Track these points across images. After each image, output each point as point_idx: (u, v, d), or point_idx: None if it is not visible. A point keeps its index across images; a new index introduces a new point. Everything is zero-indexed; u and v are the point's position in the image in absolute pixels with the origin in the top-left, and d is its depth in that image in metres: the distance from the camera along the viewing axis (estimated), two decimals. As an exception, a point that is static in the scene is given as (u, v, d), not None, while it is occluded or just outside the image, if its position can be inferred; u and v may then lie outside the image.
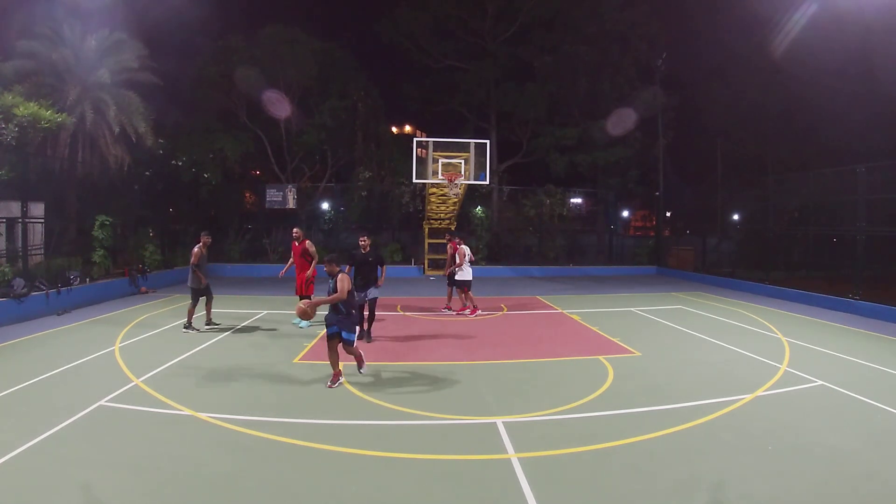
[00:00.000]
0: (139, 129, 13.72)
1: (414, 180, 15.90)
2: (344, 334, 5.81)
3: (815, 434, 4.59)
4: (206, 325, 8.73)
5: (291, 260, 9.16)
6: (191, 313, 8.53)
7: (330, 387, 5.72)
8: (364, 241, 7.75)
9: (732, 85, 20.49)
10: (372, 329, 8.06)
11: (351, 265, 7.54)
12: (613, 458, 4.11)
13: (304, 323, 8.90)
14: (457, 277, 10.41)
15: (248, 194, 21.35)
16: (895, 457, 4.15)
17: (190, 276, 8.58)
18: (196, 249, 8.54)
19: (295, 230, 9.28)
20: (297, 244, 9.04)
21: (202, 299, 8.73)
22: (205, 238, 8.79)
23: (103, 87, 13.07)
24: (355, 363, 6.19)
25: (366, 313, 7.80)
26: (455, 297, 10.96)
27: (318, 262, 8.66)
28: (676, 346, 7.97)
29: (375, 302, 7.79)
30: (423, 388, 5.87)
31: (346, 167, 21.26)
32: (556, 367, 6.83)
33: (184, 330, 8.43)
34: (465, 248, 10.42)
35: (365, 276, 7.62)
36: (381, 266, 7.81)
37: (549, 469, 3.91)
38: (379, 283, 7.80)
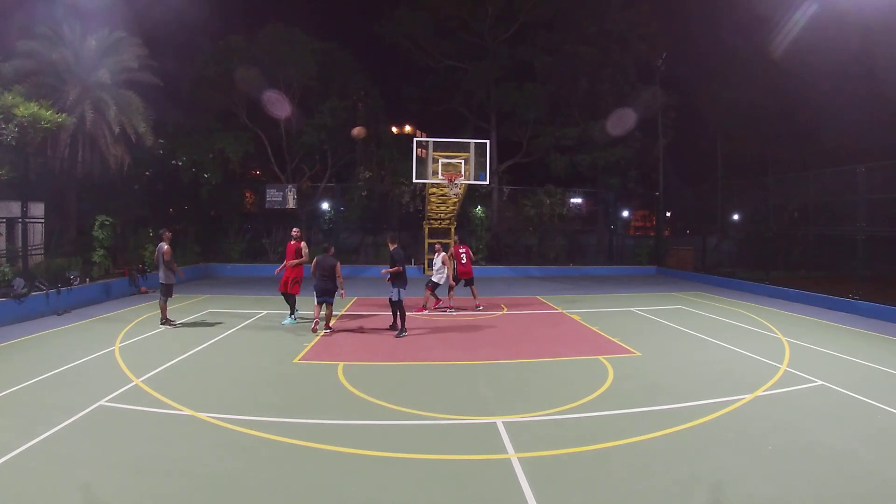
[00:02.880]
0: (139, 129, 13.72)
1: (414, 180, 15.87)
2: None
3: (815, 434, 4.59)
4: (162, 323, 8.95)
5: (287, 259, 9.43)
6: (163, 309, 8.90)
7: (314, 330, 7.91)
8: (388, 241, 8.94)
9: (732, 85, 20.49)
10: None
11: None
12: (613, 458, 4.11)
13: (286, 321, 9.23)
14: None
15: (248, 194, 21.34)
16: (895, 456, 4.15)
17: (164, 272, 8.82)
18: (167, 246, 8.80)
19: (294, 230, 9.68)
20: (291, 243, 9.36)
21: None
22: (166, 235, 9.03)
23: (103, 87, 13.06)
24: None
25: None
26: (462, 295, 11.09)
27: (307, 263, 9.00)
28: (676, 346, 7.97)
29: (398, 304, 8.44)
30: (423, 388, 5.87)
31: (346, 167, 21.25)
32: (556, 367, 6.83)
33: (161, 325, 8.82)
34: (444, 254, 10.70)
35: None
36: (392, 264, 8.56)
37: (549, 469, 3.91)
38: (383, 271, 8.78)
